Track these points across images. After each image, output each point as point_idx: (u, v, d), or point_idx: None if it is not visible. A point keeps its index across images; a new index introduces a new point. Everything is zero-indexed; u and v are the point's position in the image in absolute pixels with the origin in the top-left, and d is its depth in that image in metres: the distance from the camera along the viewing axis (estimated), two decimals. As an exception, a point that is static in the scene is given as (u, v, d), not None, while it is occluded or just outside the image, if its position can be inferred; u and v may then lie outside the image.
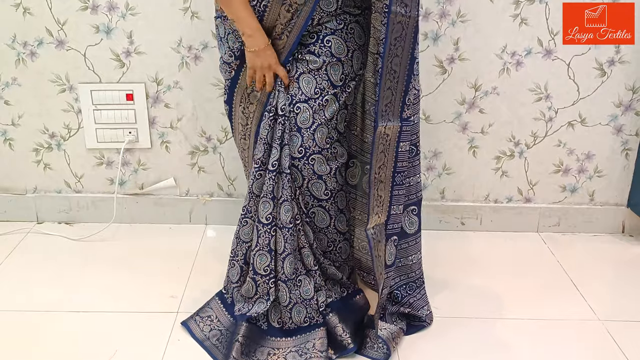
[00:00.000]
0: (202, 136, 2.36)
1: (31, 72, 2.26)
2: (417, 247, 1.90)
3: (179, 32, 2.22)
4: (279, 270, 1.75)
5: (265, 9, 1.60)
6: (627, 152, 2.36)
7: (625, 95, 2.28)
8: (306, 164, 1.71)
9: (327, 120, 1.69)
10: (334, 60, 1.67)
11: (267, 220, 1.71)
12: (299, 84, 1.67)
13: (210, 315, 1.86)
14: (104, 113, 2.31)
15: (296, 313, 1.78)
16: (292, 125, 1.69)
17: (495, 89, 2.28)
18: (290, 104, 1.68)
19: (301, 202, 1.75)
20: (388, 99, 1.64)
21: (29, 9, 2.18)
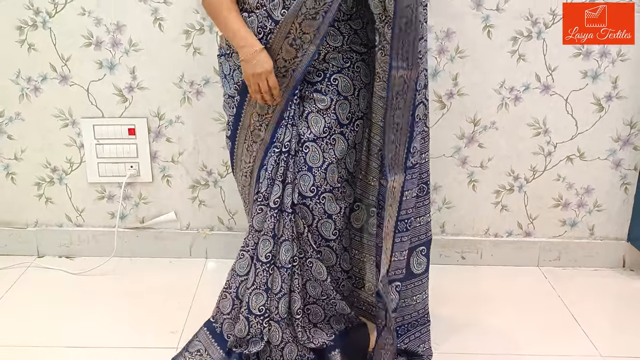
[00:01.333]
0: (203, 170, 2.38)
1: (35, 107, 2.29)
2: (423, 287, 1.87)
3: (181, 68, 2.25)
4: (272, 310, 1.74)
5: (267, 42, 1.61)
6: (626, 187, 2.37)
7: (624, 130, 2.30)
8: (317, 202, 1.71)
9: (338, 159, 1.70)
10: (340, 99, 1.68)
11: (266, 258, 1.71)
12: (307, 122, 1.68)
13: (200, 349, 1.84)
14: (106, 147, 2.33)
15: (288, 352, 1.77)
16: (301, 165, 1.69)
17: (494, 124, 2.30)
18: (299, 142, 1.69)
19: (311, 239, 1.74)
20: (392, 151, 1.61)
21: (34, 45, 2.22)
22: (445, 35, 2.20)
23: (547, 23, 2.17)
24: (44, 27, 2.20)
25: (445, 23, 2.18)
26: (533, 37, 2.19)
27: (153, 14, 2.19)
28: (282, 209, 1.69)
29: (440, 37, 2.20)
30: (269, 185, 1.69)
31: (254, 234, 1.74)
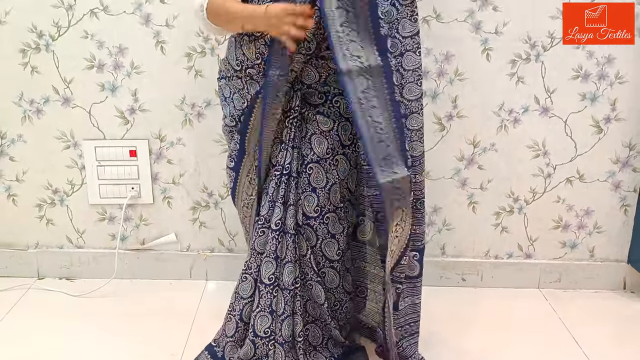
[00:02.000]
0: (203, 192, 2.39)
1: (37, 129, 2.30)
2: (418, 290, 1.87)
3: (183, 90, 2.27)
4: (277, 332, 1.74)
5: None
6: (625, 208, 2.37)
7: (623, 152, 2.31)
8: (322, 223, 1.72)
9: (341, 180, 1.71)
10: (342, 121, 1.70)
11: (269, 280, 1.71)
12: (311, 144, 1.69)
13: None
14: (108, 169, 2.34)
15: None
16: (305, 186, 1.70)
17: (493, 146, 2.31)
18: (302, 164, 1.70)
19: (313, 262, 1.74)
20: (383, 152, 1.58)
21: (37, 67, 2.24)
22: (445, 58, 2.21)
23: (546, 46, 2.19)
24: (47, 50, 2.22)
25: (445, 46, 2.20)
26: (532, 59, 2.21)
27: (155, 37, 2.21)
28: (284, 230, 1.70)
29: (440, 59, 2.22)
30: (270, 207, 1.70)
31: (256, 257, 1.74)
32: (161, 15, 2.18)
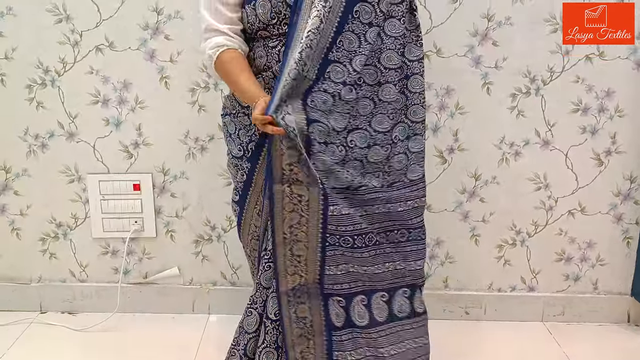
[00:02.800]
0: (206, 225, 2.39)
1: (41, 163, 2.32)
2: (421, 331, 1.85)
3: (187, 124, 2.29)
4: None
5: None
6: (628, 241, 2.37)
7: (624, 185, 2.32)
8: None
9: None
10: None
11: (275, 316, 1.70)
12: None
13: None
14: (111, 203, 2.35)
15: None
16: None
17: (495, 179, 2.32)
18: None
19: None
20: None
21: (42, 102, 2.27)
22: (445, 92, 2.24)
23: (545, 80, 2.22)
24: (52, 86, 2.25)
25: (445, 80, 2.23)
26: (532, 93, 2.24)
27: (159, 72, 2.24)
28: None
29: (441, 93, 2.24)
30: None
31: (262, 291, 1.73)
32: (166, 51, 2.21)
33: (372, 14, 1.59)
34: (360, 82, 1.61)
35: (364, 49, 1.59)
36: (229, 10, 1.64)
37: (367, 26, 1.59)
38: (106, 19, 2.19)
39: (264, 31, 1.63)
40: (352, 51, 1.58)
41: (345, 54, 1.58)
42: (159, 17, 2.18)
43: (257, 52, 1.67)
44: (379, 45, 1.62)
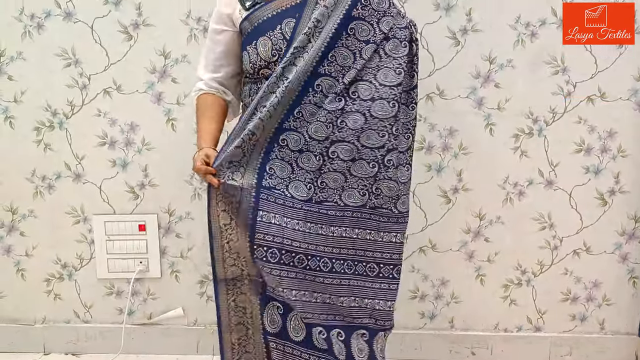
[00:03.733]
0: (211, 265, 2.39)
1: (48, 204, 2.33)
2: None
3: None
4: None
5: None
6: (634, 280, 2.36)
7: (628, 224, 2.32)
8: None
9: None
10: None
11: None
12: None
13: None
14: (116, 243, 2.36)
15: None
16: None
17: (499, 218, 2.33)
18: None
19: None
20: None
21: (50, 144, 2.29)
22: (449, 133, 2.26)
23: (548, 121, 2.24)
24: (60, 128, 2.28)
25: (448, 121, 2.25)
26: (534, 134, 2.25)
27: (166, 115, 2.27)
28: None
29: (444, 134, 2.26)
30: None
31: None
32: (172, 93, 2.25)
33: (370, 32, 1.62)
34: (354, 96, 1.63)
35: (358, 64, 1.62)
36: (216, 57, 1.74)
37: (364, 43, 1.62)
38: (114, 63, 2.22)
39: (266, 69, 1.66)
40: (345, 66, 1.61)
41: (338, 68, 1.61)
42: (166, 61, 2.22)
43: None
44: (377, 63, 1.64)
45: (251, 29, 1.66)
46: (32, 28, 2.19)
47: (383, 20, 1.63)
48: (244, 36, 1.69)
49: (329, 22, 1.61)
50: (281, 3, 1.65)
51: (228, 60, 1.74)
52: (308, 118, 1.61)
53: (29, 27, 2.19)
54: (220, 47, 1.73)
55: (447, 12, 2.18)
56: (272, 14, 1.65)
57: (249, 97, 1.73)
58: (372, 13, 1.62)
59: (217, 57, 1.74)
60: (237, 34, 1.71)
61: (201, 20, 2.18)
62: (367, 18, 1.62)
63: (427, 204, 2.32)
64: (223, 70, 1.75)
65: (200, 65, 1.77)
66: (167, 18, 2.19)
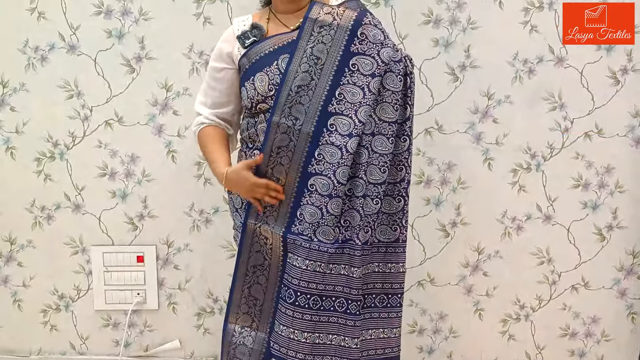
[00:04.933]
0: (209, 297, 2.39)
1: (46, 235, 2.33)
2: None
3: (192, 197, 2.32)
4: None
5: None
6: (632, 316, 2.36)
7: (626, 260, 2.32)
8: None
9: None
10: None
11: None
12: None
13: None
14: (114, 275, 2.35)
15: None
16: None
17: (497, 253, 2.33)
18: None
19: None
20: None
21: (50, 175, 2.30)
22: (447, 167, 2.28)
23: (546, 156, 2.26)
24: (61, 159, 2.29)
25: (447, 156, 2.27)
26: (532, 169, 2.27)
27: (167, 147, 2.28)
28: None
29: (442, 169, 2.28)
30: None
31: None
32: (173, 126, 2.27)
33: (373, 65, 1.64)
34: (368, 132, 1.66)
35: (369, 99, 1.63)
36: (215, 95, 1.76)
37: (370, 77, 1.64)
38: (116, 95, 2.24)
39: (263, 104, 1.68)
40: (355, 102, 1.63)
41: (349, 105, 1.63)
42: (168, 94, 2.24)
43: (259, 127, 1.71)
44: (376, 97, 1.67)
45: (249, 65, 1.69)
46: (35, 60, 2.22)
47: (382, 51, 1.65)
48: (242, 72, 1.72)
49: (329, 58, 1.63)
50: (278, 40, 1.68)
51: (229, 99, 1.77)
52: (330, 159, 1.63)
53: (32, 59, 2.22)
54: (221, 85, 1.75)
55: (446, 48, 2.21)
56: (269, 50, 1.68)
57: (246, 131, 1.75)
58: (371, 46, 1.65)
59: (217, 95, 1.76)
60: (237, 72, 1.74)
61: (203, 54, 2.21)
62: (367, 52, 1.64)
63: (425, 238, 2.32)
64: (224, 108, 1.77)
65: (200, 102, 1.79)
66: (170, 52, 2.22)
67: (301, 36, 1.65)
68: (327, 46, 1.64)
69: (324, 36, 1.64)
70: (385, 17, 2.12)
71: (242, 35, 1.72)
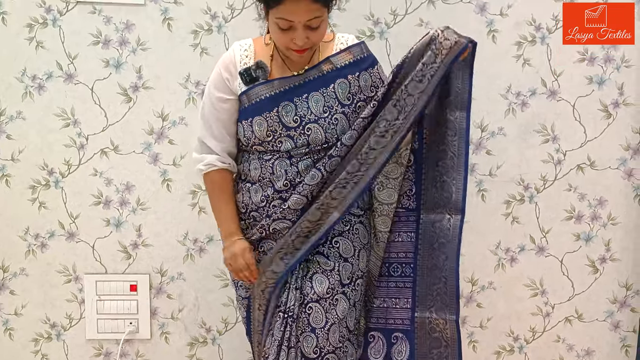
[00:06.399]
0: (202, 327, 2.37)
1: (40, 262, 2.32)
2: None
3: (186, 226, 2.32)
4: None
5: (273, 217, 1.72)
6: (626, 349, 2.36)
7: (620, 292, 2.33)
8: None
9: (340, 319, 1.72)
10: (341, 261, 1.73)
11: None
12: (311, 282, 1.72)
13: None
14: (107, 303, 2.34)
15: None
16: (304, 326, 1.70)
17: (491, 284, 2.34)
18: (302, 303, 1.71)
19: None
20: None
21: (45, 203, 2.30)
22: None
23: (539, 188, 2.29)
24: (56, 187, 2.29)
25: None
26: (526, 201, 2.29)
27: (162, 175, 2.29)
28: None
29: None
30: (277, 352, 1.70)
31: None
32: (169, 155, 2.28)
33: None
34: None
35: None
36: (223, 126, 1.73)
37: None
38: (112, 124, 2.26)
39: (259, 146, 1.69)
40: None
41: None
42: (164, 123, 2.26)
43: (252, 163, 1.73)
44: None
45: (248, 105, 1.69)
46: (33, 89, 2.23)
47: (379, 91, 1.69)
48: (240, 107, 1.72)
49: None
50: (280, 85, 1.68)
51: (233, 128, 1.74)
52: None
53: (30, 87, 2.23)
54: (226, 115, 1.72)
55: (440, 81, 2.23)
56: (270, 94, 1.68)
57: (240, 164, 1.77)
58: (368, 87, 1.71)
59: (224, 125, 1.73)
60: (237, 102, 1.73)
61: (200, 84, 2.23)
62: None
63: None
64: (231, 138, 1.75)
65: (204, 132, 1.74)
66: (167, 81, 2.24)
67: (304, 85, 1.68)
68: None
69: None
70: (380, 50, 2.16)
71: (244, 72, 1.68)
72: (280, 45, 1.64)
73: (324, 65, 1.69)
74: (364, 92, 1.69)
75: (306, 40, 1.58)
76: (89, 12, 2.20)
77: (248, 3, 2.20)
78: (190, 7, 2.21)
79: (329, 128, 1.66)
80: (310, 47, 1.62)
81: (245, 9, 2.21)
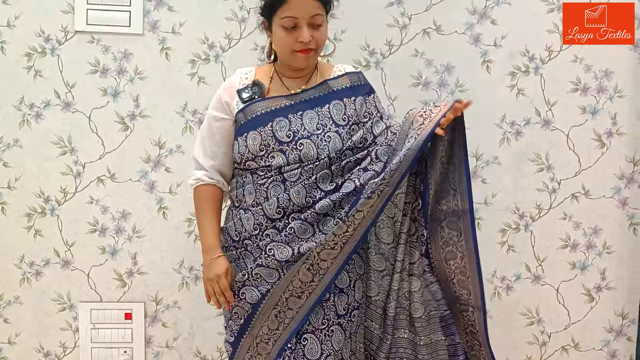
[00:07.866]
0: (197, 356, 2.36)
1: (34, 290, 2.31)
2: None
3: (182, 254, 2.32)
4: None
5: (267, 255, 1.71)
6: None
7: (615, 321, 2.33)
8: None
9: (335, 351, 1.71)
10: (337, 292, 1.72)
11: None
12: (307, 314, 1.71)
13: None
14: (101, 332, 2.33)
15: None
16: (299, 357, 1.69)
17: (487, 313, 2.32)
18: (297, 334, 1.70)
19: None
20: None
21: (40, 230, 2.29)
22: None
23: (534, 216, 2.29)
24: (52, 215, 2.29)
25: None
26: (521, 229, 2.29)
27: (158, 203, 2.29)
28: None
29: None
30: None
31: None
32: (165, 182, 2.28)
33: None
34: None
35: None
36: (215, 143, 1.75)
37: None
38: (109, 152, 2.27)
39: (252, 162, 1.70)
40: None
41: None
42: (161, 151, 2.27)
43: (246, 188, 1.73)
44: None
45: (244, 121, 1.71)
46: (30, 117, 2.24)
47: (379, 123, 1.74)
48: (237, 126, 1.73)
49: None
50: (276, 102, 1.71)
51: (226, 149, 1.76)
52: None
53: (27, 115, 2.24)
54: (219, 134, 1.75)
55: (435, 110, 2.25)
56: (265, 110, 1.70)
57: (235, 190, 1.76)
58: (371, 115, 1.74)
59: (216, 144, 1.75)
60: (234, 124, 1.74)
61: (197, 112, 2.25)
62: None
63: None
64: (222, 156, 1.76)
65: (198, 149, 1.77)
66: (164, 110, 2.26)
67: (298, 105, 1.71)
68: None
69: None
70: (376, 79, 2.18)
71: (242, 90, 1.73)
72: (286, 48, 1.67)
73: (321, 86, 1.72)
74: (358, 116, 1.71)
75: (310, 38, 1.63)
76: (87, 42, 2.22)
77: (245, 33, 2.22)
78: (188, 37, 2.23)
79: (320, 144, 1.67)
80: (314, 48, 1.66)
81: (242, 39, 2.23)
